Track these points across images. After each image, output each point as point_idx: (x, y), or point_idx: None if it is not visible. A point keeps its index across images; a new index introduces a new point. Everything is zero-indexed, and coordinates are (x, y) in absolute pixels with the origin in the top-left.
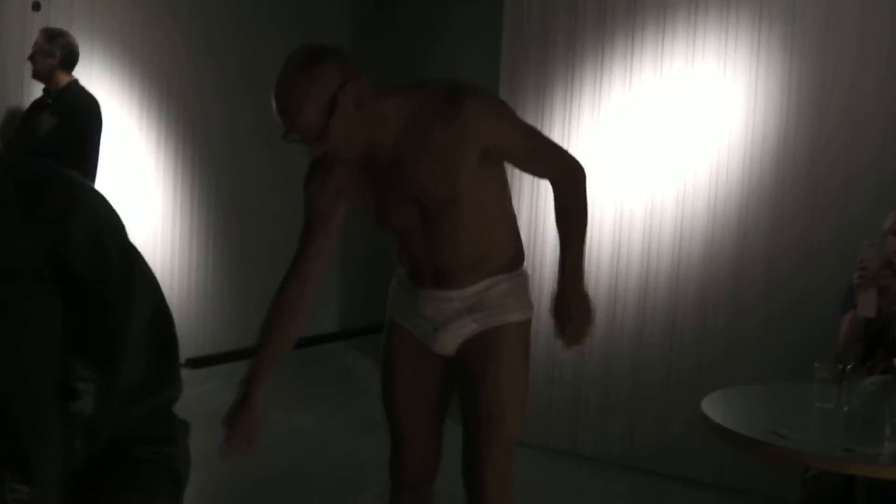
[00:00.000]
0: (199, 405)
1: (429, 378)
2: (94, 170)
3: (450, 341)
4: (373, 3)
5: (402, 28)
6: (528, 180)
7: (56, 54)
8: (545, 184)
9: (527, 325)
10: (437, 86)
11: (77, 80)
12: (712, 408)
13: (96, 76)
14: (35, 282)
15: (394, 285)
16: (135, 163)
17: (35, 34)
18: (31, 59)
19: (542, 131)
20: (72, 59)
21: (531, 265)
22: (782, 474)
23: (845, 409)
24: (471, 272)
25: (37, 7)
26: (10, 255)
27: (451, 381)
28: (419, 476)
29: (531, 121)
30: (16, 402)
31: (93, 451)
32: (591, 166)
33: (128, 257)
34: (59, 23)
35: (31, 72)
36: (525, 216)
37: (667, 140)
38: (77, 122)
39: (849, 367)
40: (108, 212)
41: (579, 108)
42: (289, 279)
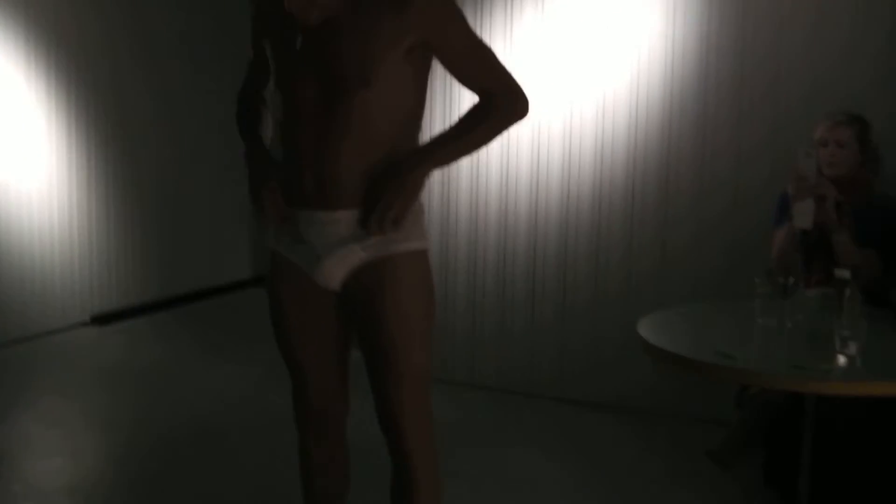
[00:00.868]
0: (111, 362)
1: (321, 313)
2: None
3: (335, 271)
4: None
5: None
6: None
7: None
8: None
9: (424, 255)
10: None
11: None
12: (650, 330)
13: None
14: None
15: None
16: (25, 114)
17: None
18: None
19: None
20: None
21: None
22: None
23: (789, 324)
24: (361, 186)
25: None
26: None
27: (345, 316)
28: (326, 419)
29: None
30: None
31: None
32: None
33: None
34: None
35: None
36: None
37: (583, 54)
38: None
39: (791, 280)
40: None
41: (490, 31)
42: (244, 98)
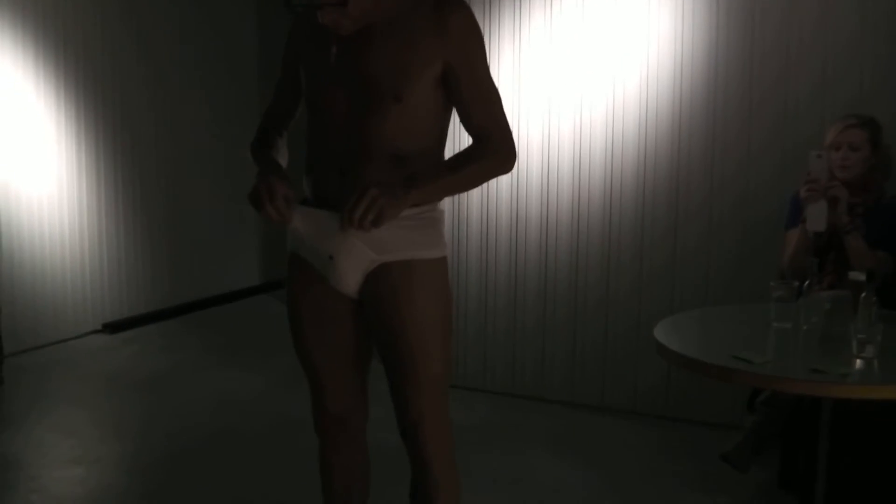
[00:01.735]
0: (124, 370)
1: (339, 320)
2: None
3: (347, 272)
4: None
5: None
6: None
7: None
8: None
9: (442, 263)
10: None
11: None
12: (666, 334)
13: None
14: None
15: (297, 210)
16: (35, 123)
17: None
18: None
19: None
20: None
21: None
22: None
23: (804, 328)
24: (381, 178)
25: None
26: None
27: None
28: (345, 426)
29: None
30: None
31: None
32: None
33: None
34: None
35: None
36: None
37: (593, 55)
38: None
39: (806, 283)
40: None
41: (499, 34)
42: (264, 128)
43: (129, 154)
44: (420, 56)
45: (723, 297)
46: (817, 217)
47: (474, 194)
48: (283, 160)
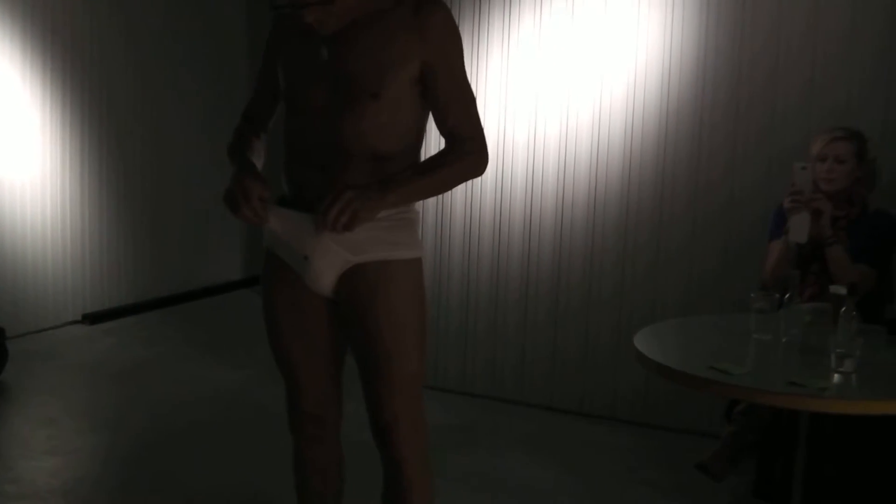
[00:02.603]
0: (102, 361)
1: (314, 318)
2: None
3: (322, 272)
4: None
5: None
6: None
7: None
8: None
9: (417, 263)
10: None
11: None
12: (646, 343)
13: None
14: None
15: (272, 211)
16: (20, 112)
17: None
18: None
19: None
20: None
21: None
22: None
23: (784, 339)
24: (358, 178)
25: None
26: None
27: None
28: (319, 424)
29: None
30: None
31: None
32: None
33: None
34: None
35: None
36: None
37: (581, 58)
38: None
39: (787, 295)
40: None
41: (488, 36)
42: (242, 127)
43: (115, 145)
44: (397, 54)
45: (705, 302)
46: (800, 228)
47: (458, 195)
48: (260, 160)
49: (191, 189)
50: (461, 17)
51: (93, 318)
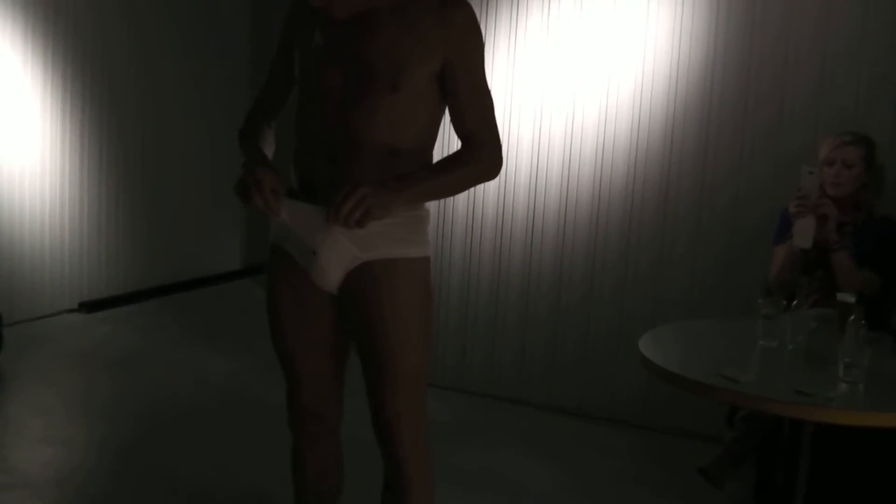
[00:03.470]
0: (98, 350)
1: (318, 314)
2: None
3: (330, 269)
4: None
5: None
6: None
7: None
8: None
9: (425, 262)
10: None
11: None
12: (650, 347)
13: None
14: None
15: (284, 203)
16: (20, 98)
17: None
18: None
19: None
20: None
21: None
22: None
23: (790, 347)
24: (370, 172)
25: None
26: None
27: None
28: (319, 421)
29: None
30: None
31: None
32: (507, 95)
33: None
34: None
35: None
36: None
37: (588, 57)
38: None
39: (794, 302)
40: None
41: (495, 32)
42: (253, 115)
43: (115, 132)
44: (421, 48)
45: (708, 302)
46: (805, 233)
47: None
48: (271, 149)
49: (190, 178)
50: None
51: (89, 307)
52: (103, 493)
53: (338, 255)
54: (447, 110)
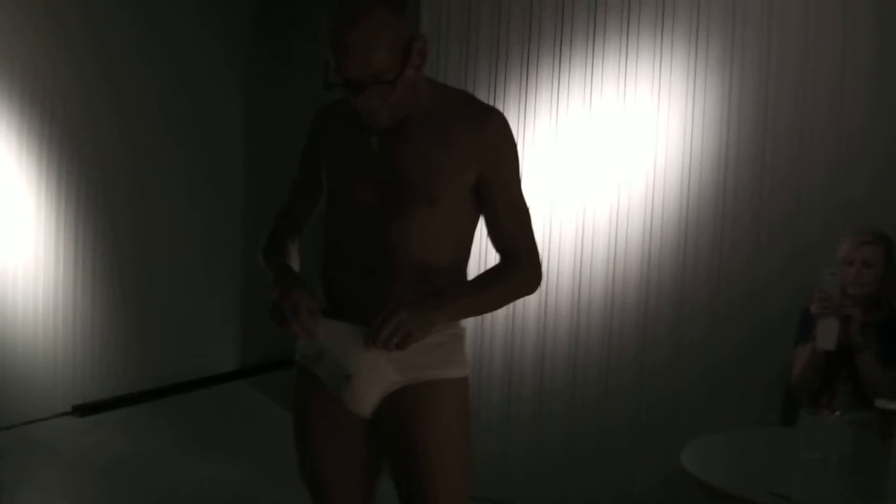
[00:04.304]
0: (93, 456)
1: (351, 439)
2: None
3: (367, 394)
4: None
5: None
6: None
7: None
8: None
9: (464, 382)
10: (465, 92)
11: None
12: (694, 462)
13: None
14: None
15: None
16: (14, 197)
17: None
18: None
19: None
20: None
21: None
22: None
23: (834, 458)
24: (408, 286)
25: None
26: None
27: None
28: None
29: None
30: None
31: None
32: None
33: None
34: None
35: None
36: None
37: (598, 157)
38: None
39: (837, 412)
40: None
41: None
42: (276, 231)
43: (109, 232)
44: (455, 160)
45: (726, 396)
46: (828, 335)
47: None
48: (296, 266)
49: (184, 279)
50: None
51: (83, 410)
52: None
53: (376, 378)
54: (483, 220)
